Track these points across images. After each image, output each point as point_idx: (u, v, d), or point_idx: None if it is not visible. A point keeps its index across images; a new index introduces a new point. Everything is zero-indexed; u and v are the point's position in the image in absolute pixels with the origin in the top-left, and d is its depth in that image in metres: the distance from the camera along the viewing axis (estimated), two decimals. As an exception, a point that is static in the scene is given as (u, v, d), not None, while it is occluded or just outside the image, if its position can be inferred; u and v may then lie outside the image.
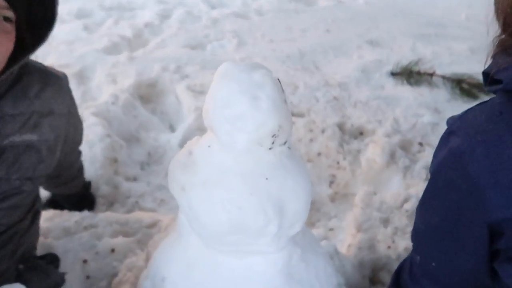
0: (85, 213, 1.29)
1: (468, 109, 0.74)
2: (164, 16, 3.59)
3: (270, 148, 0.72)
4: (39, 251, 1.05)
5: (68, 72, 2.19)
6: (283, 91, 0.73)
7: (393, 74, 2.33)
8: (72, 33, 2.87)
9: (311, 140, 1.74)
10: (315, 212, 1.57)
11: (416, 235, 0.84)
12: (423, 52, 2.77)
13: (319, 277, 0.88)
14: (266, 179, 0.72)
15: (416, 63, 2.29)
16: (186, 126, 1.88)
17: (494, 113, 0.66)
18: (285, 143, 0.74)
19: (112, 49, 2.55)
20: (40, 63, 0.92)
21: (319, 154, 1.70)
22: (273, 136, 0.71)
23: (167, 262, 0.87)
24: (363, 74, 2.35)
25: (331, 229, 1.47)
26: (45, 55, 2.34)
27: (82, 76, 2.23)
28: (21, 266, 0.87)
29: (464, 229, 0.69)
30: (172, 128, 2.00)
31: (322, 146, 1.72)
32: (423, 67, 2.26)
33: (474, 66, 2.52)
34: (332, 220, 1.51)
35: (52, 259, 0.99)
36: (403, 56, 2.58)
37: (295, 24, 3.27)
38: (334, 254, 1.14)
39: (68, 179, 1.22)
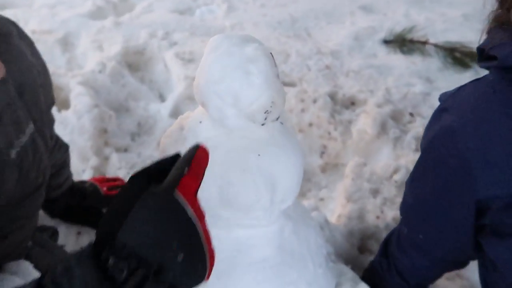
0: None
1: (461, 86, 0.73)
2: (151, -22, 3.44)
3: (262, 124, 0.71)
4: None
5: (51, 38, 2.14)
6: (275, 65, 0.72)
7: (386, 42, 2.29)
8: (54, -4, 2.75)
9: (302, 110, 1.73)
10: (306, 182, 1.59)
11: (404, 208, 0.86)
12: (416, 18, 2.71)
13: (310, 249, 0.90)
14: (258, 155, 0.72)
15: (410, 30, 2.25)
16: (176, 96, 1.85)
17: (487, 91, 0.66)
18: (277, 118, 0.73)
19: (97, 13, 2.45)
20: None
21: (310, 124, 1.70)
22: (265, 112, 0.70)
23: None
24: (355, 41, 2.31)
25: (321, 199, 1.50)
26: (27, 19, 2.25)
27: (67, 43, 2.15)
28: (30, 243, 0.86)
29: (452, 205, 0.70)
30: (162, 97, 1.97)
31: (314, 117, 1.71)
32: (416, 35, 2.23)
33: (468, 34, 2.49)
34: (323, 191, 1.53)
35: (53, 232, 0.98)
36: (397, 22, 2.53)
37: (287, -13, 3.16)
38: (324, 224, 1.16)
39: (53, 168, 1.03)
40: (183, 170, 0.45)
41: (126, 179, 1.49)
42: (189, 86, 1.83)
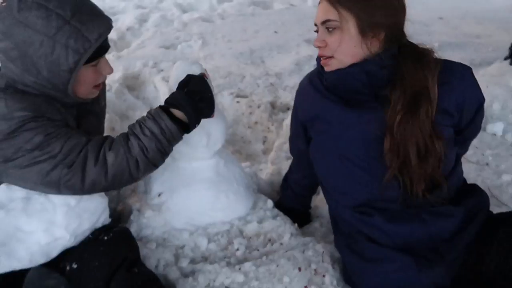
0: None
1: None
2: (142, 20, 4.27)
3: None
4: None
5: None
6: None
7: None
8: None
9: (250, 113, 2.49)
10: (252, 161, 2.33)
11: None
12: (347, 48, 3.55)
13: (235, 176, 1.62)
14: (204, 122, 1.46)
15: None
16: (162, 106, 2.59)
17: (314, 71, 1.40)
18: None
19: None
20: None
21: (255, 122, 2.45)
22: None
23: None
24: (296, 66, 3.11)
25: (260, 170, 2.23)
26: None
27: (81, 72, 2.90)
28: None
29: (291, 127, 1.46)
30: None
31: (258, 117, 2.47)
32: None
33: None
34: (262, 164, 2.27)
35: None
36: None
37: (250, 26, 4.00)
38: (253, 175, 1.89)
39: None
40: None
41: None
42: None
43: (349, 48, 1.12)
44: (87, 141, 1.15)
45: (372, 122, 1.16)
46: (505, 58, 2.88)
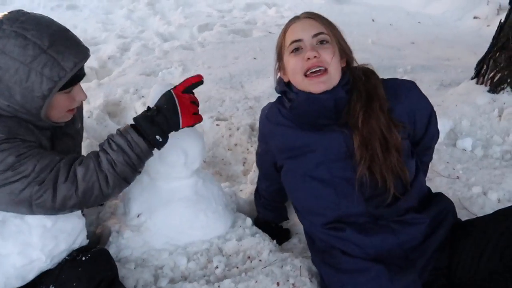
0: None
1: None
2: (124, 49, 4.34)
3: (178, 124, 1.50)
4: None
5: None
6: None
7: (297, 89, 3.18)
8: (49, 67, 3.56)
9: (230, 135, 2.53)
10: (232, 181, 2.35)
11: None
12: (323, 72, 3.68)
13: (214, 195, 1.64)
14: (177, 138, 1.49)
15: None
16: (143, 131, 2.62)
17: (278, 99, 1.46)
18: (186, 121, 1.53)
19: (84, 78, 3.25)
20: None
21: (235, 144, 2.50)
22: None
23: (131, 192, 1.61)
24: (274, 90, 3.19)
25: (241, 190, 2.26)
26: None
27: (62, 99, 2.92)
28: None
29: (259, 145, 1.57)
30: (133, 134, 2.74)
31: (238, 139, 2.51)
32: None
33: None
34: (242, 185, 2.30)
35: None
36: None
37: (230, 52, 4.12)
38: (233, 195, 1.91)
39: None
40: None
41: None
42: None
43: (337, 63, 1.22)
44: (59, 160, 1.17)
45: (334, 142, 1.25)
46: (472, 78, 3.02)
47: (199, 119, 1.30)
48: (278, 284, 1.33)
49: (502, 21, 2.82)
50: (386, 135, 1.19)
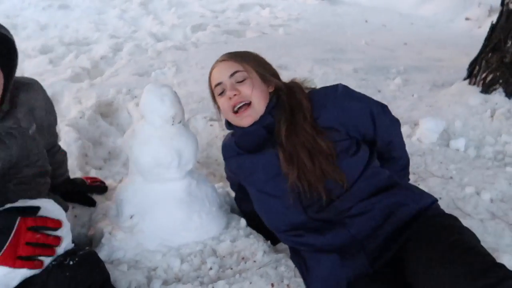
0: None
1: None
2: (116, 49, 4.31)
3: (172, 124, 1.49)
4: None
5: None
6: (178, 96, 1.50)
7: (290, 89, 3.18)
8: (40, 66, 3.53)
9: (224, 136, 2.51)
10: (226, 182, 2.34)
11: None
12: (317, 73, 3.68)
13: (207, 196, 1.63)
14: (171, 139, 1.48)
15: (304, 81, 3.15)
16: (136, 132, 2.60)
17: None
18: (180, 122, 1.51)
19: (76, 78, 3.24)
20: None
21: (216, 136, 2.48)
22: (172, 119, 1.47)
23: (124, 193, 1.59)
24: (268, 90, 3.19)
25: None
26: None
27: (54, 100, 2.88)
28: None
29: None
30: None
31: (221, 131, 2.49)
32: (309, 84, 3.13)
33: (351, 81, 3.46)
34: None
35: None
36: (301, 76, 3.46)
37: (224, 53, 4.10)
38: (226, 195, 1.90)
39: (56, 164, 1.84)
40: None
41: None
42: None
43: (261, 92, 1.36)
44: None
45: (269, 161, 1.35)
46: (464, 79, 3.05)
47: (24, 266, 1.06)
48: (272, 285, 1.33)
49: (494, 22, 2.85)
50: (312, 143, 1.28)
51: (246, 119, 1.35)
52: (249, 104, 1.33)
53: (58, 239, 1.13)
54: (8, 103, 1.24)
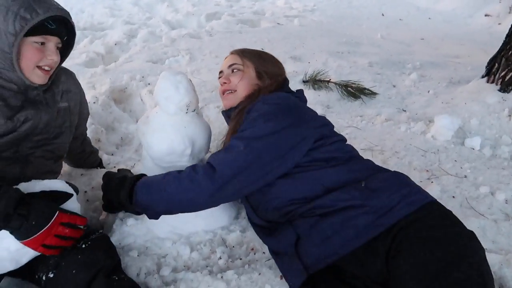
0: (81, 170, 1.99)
1: None
2: (131, 35, 4.30)
3: (186, 112, 1.48)
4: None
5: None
6: (192, 84, 1.50)
7: (304, 81, 3.16)
8: (55, 51, 3.53)
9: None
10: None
11: None
12: (331, 65, 3.63)
13: None
14: (185, 127, 1.48)
15: (319, 73, 3.13)
16: (148, 119, 2.60)
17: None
18: (194, 110, 1.51)
19: (90, 63, 3.24)
20: None
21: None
22: (187, 106, 1.47)
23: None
24: (281, 81, 3.16)
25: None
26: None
27: (68, 84, 2.91)
28: None
29: None
30: (137, 121, 2.72)
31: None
32: (323, 76, 3.11)
33: (365, 75, 3.41)
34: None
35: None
36: (315, 68, 3.42)
37: (238, 43, 4.07)
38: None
39: (87, 153, 1.89)
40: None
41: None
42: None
43: (247, 84, 1.51)
44: None
45: None
46: (482, 76, 2.98)
47: (44, 252, 1.15)
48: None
49: (516, 19, 2.77)
50: None
51: (225, 102, 1.57)
52: (234, 91, 1.52)
53: (80, 233, 1.20)
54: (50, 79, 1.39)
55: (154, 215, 1.30)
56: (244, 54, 1.57)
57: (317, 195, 1.25)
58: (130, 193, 1.29)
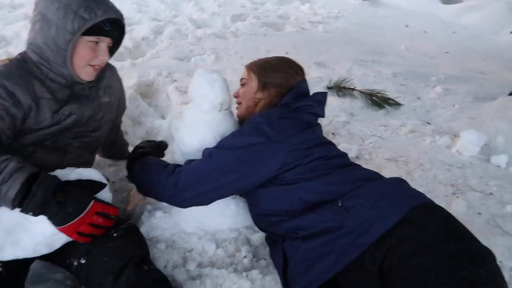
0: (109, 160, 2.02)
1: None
2: (157, 32, 4.36)
3: (219, 110, 1.50)
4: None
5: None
6: (227, 83, 1.51)
7: (328, 88, 3.16)
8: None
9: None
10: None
11: None
12: (356, 73, 3.63)
13: None
14: (217, 125, 1.49)
15: (344, 80, 3.13)
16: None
17: None
18: (227, 109, 1.52)
19: (118, 56, 3.29)
20: None
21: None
22: (220, 105, 1.48)
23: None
24: (306, 86, 3.16)
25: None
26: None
27: (96, 76, 2.96)
28: None
29: None
30: (163, 117, 2.75)
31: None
32: (348, 84, 3.11)
33: (389, 86, 3.40)
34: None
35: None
36: (340, 75, 3.42)
37: (263, 45, 4.10)
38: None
39: (118, 145, 1.94)
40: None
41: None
42: (183, 108, 2.61)
43: (248, 99, 1.55)
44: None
45: None
46: (509, 94, 2.95)
47: (78, 239, 1.17)
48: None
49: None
50: None
51: (236, 112, 1.61)
52: (240, 104, 1.59)
53: (112, 223, 1.23)
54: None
55: (140, 190, 1.48)
56: (251, 67, 1.63)
57: (297, 210, 1.27)
58: (131, 162, 1.50)
